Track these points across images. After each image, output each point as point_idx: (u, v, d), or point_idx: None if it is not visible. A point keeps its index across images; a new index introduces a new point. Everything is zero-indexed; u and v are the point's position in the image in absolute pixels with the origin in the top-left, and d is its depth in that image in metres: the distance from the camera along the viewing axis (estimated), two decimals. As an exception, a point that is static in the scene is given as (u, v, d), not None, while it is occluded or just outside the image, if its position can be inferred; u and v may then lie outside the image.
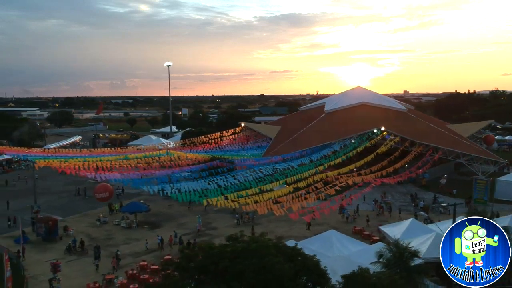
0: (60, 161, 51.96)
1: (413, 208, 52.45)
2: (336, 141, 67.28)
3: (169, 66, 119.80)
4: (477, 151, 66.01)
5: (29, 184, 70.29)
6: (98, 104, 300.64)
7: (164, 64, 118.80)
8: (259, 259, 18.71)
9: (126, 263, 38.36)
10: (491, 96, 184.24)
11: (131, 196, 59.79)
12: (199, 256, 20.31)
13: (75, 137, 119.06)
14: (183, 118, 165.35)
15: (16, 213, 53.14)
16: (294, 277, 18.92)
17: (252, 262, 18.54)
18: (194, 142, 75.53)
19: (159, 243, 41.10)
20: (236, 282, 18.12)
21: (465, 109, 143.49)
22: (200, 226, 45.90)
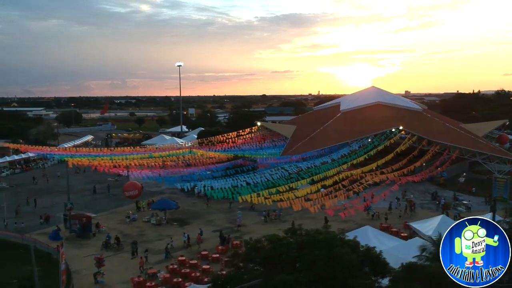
0: (88, 159, 52.71)
1: (435, 206, 53.44)
2: (354, 140, 68.24)
3: (179, 66, 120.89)
4: (493, 150, 66.97)
5: (51, 183, 71.48)
6: (101, 104, 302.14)
7: (175, 64, 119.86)
8: (328, 250, 19.66)
9: (162, 259, 39.35)
10: (496, 96, 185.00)
11: (152, 194, 60.64)
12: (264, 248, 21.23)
13: (87, 136, 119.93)
14: (191, 118, 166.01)
15: (44, 210, 54.32)
16: (360, 267, 19.87)
17: (322, 253, 19.49)
18: (211, 141, 76.37)
19: (185, 240, 41.93)
20: (307, 271, 19.04)
21: (471, 109, 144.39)
22: (241, 221, 47.01)
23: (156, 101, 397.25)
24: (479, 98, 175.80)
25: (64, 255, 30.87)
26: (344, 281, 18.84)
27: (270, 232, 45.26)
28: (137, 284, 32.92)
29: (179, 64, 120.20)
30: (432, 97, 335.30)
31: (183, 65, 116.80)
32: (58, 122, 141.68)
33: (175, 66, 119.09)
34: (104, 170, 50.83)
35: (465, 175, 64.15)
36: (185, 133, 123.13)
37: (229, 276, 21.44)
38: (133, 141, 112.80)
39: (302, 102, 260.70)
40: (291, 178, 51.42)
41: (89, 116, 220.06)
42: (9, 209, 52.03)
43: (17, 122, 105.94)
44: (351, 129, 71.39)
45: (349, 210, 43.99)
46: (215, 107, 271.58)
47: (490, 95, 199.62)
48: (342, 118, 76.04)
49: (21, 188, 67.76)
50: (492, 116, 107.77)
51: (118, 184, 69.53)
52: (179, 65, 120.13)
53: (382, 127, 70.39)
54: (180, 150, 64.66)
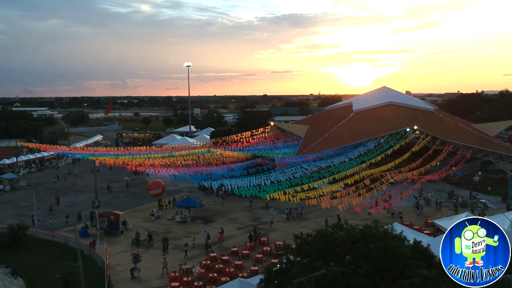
0: (112, 158, 53.58)
1: (453, 205, 54.32)
2: (369, 139, 69.14)
3: (188, 66, 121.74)
4: (507, 150, 67.88)
5: (68, 182, 72.32)
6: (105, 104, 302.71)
7: (184, 65, 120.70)
8: (382, 243, 20.54)
9: (193, 254, 40.20)
10: (499, 97, 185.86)
11: (170, 193, 61.35)
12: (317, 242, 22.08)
13: (96, 136, 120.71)
14: (197, 117, 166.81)
15: (66, 209, 55.19)
16: (412, 259, 20.75)
17: (377, 246, 20.36)
18: (226, 141, 77.21)
19: (206, 239, 42.35)
20: (364, 263, 19.91)
21: (476, 110, 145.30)
22: (273, 218, 47.98)
23: (158, 101, 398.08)
24: (483, 98, 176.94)
25: (107, 251, 31.65)
26: (400, 272, 19.69)
27: (294, 230, 46.54)
28: (174, 279, 33.73)
29: (187, 65, 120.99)
30: (433, 97, 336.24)
31: (185, 65, 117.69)
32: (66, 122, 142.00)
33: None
34: (129, 168, 51.48)
35: (480, 174, 65.10)
36: (193, 133, 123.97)
37: (281, 269, 22.29)
38: (144, 141, 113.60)
39: (306, 102, 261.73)
40: (312, 177, 52.29)
41: (93, 116, 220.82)
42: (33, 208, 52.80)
43: (29, 122, 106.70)
44: (365, 128, 72.24)
45: (377, 208, 44.87)
46: (218, 107, 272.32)
47: (493, 95, 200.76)
48: (355, 118, 76.87)
49: (41, 186, 68.47)
50: (498, 117, 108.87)
51: (135, 183, 70.54)
52: (187, 65, 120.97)
53: (396, 126, 71.32)
54: (198, 149, 65.35)
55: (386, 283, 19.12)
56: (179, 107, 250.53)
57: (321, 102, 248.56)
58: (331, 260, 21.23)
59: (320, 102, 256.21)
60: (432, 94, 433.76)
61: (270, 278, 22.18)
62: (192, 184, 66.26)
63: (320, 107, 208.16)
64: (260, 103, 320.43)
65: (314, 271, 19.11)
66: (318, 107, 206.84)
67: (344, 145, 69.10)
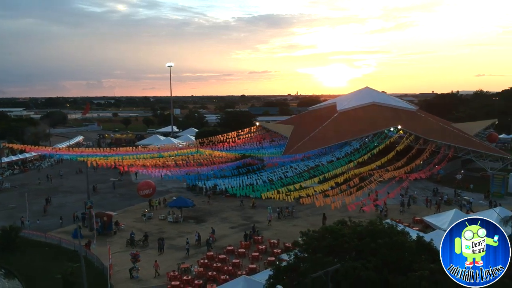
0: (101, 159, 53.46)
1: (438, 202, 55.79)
2: (354, 139, 70.41)
3: (170, 66, 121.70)
4: (488, 149, 69.99)
5: (54, 183, 71.62)
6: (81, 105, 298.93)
7: (166, 65, 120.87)
8: (389, 238, 21.37)
9: (190, 254, 40.52)
10: (474, 97, 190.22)
11: (159, 194, 61.36)
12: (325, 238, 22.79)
13: (77, 137, 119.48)
14: (178, 118, 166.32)
15: (55, 210, 54.89)
16: (417, 254, 21.62)
17: (384, 241, 21.17)
18: (212, 141, 77.56)
19: (197, 239, 42.68)
20: (372, 258, 20.68)
21: (453, 109, 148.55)
22: (271, 216, 48.58)
23: (135, 101, 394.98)
24: (459, 98, 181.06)
25: (110, 251, 31.80)
26: (407, 266, 20.53)
27: (286, 228, 47.48)
28: (173, 278, 34.05)
29: (169, 65, 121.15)
30: (409, 97, 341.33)
31: (160, 65, 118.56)
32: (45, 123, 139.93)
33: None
34: (122, 169, 51.49)
35: (463, 172, 66.98)
36: (176, 134, 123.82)
37: (291, 264, 22.93)
38: (126, 141, 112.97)
39: (286, 103, 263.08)
40: (302, 176, 53.14)
41: (71, 117, 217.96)
42: (21, 209, 52.36)
43: (10, 123, 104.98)
44: (350, 128, 73.57)
45: (370, 205, 45.96)
46: (197, 108, 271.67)
47: (467, 95, 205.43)
48: (340, 118, 78.14)
49: (25, 188, 67.55)
50: (474, 116, 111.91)
51: (121, 184, 70.30)
52: (169, 65, 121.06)
53: (380, 126, 72.85)
54: (187, 150, 65.60)
55: (394, 277, 19.90)
56: (158, 108, 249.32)
57: (300, 103, 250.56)
58: (339, 255, 21.93)
59: (299, 103, 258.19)
60: (407, 94, 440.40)
61: (279, 274, 22.77)
62: (181, 184, 66.50)
63: (300, 107, 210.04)
64: (239, 103, 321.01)
65: (325, 266, 19.78)
66: (298, 108, 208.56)
67: (330, 145, 70.28)
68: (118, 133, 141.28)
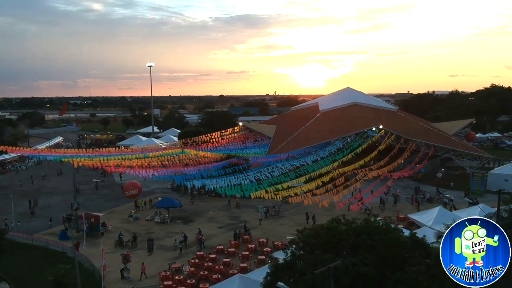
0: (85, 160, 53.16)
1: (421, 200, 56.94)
2: (337, 139, 71.36)
3: (150, 66, 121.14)
4: (466, 148, 71.79)
5: (36, 184, 70.69)
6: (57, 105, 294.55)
7: (146, 65, 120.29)
8: (385, 235, 22.03)
9: (178, 255, 40.72)
10: (449, 97, 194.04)
11: (143, 194, 61.24)
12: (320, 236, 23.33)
13: (57, 138, 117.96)
14: (158, 118, 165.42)
15: (40, 212, 54.33)
16: (412, 249, 22.33)
17: (380, 237, 21.82)
18: (196, 141, 77.59)
19: (183, 240, 42.56)
20: (369, 253, 21.31)
21: (429, 109, 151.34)
22: (262, 215, 49.15)
23: (113, 101, 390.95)
24: (434, 98, 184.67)
25: (104, 254, 31.76)
26: (403, 261, 21.22)
27: (273, 227, 48.02)
28: (165, 278, 34.19)
29: (150, 65, 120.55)
30: (385, 97, 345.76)
31: (137, 65, 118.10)
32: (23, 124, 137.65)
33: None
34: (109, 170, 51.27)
35: (443, 171, 68.55)
36: (157, 134, 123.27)
37: (288, 261, 23.41)
38: (106, 142, 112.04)
39: (265, 103, 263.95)
40: (289, 175, 53.74)
41: (48, 117, 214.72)
42: (3, 211, 51.66)
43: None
44: (332, 128, 74.45)
45: (357, 204, 46.78)
46: (175, 108, 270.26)
47: (442, 95, 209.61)
48: (322, 118, 78.95)
49: (7, 190, 66.51)
50: (450, 116, 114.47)
51: (104, 185, 69.86)
52: (150, 65, 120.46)
53: (362, 126, 73.96)
54: (173, 150, 65.55)
55: (392, 272, 20.55)
56: (137, 108, 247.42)
57: (280, 103, 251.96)
58: (337, 252, 22.47)
59: (278, 103, 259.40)
60: (383, 95, 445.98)
61: (277, 272, 23.21)
62: (165, 185, 66.47)
63: (279, 107, 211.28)
64: (218, 104, 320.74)
65: (325, 263, 20.30)
66: (278, 108, 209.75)
67: (313, 145, 71.07)
68: (97, 133, 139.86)
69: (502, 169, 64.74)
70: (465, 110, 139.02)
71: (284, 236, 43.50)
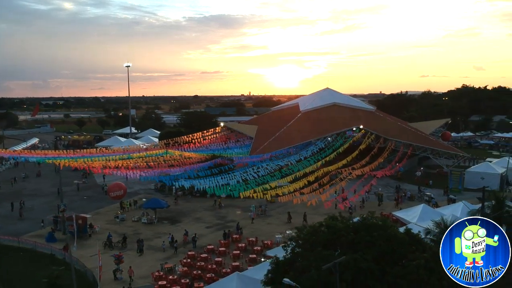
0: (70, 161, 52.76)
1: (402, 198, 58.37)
2: (318, 139, 72.44)
3: (128, 66, 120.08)
4: (444, 147, 73.80)
5: (16, 186, 69.52)
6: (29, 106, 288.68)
7: (124, 65, 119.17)
8: (384, 231, 22.84)
9: (169, 254, 40.94)
10: (422, 97, 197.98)
11: (129, 195, 60.98)
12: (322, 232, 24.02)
13: (33, 139, 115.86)
14: (134, 119, 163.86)
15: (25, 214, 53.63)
16: (409, 245, 23.21)
17: (379, 234, 22.61)
18: (177, 142, 77.57)
19: (171, 241, 42.77)
20: (369, 249, 22.09)
21: (403, 109, 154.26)
22: (255, 214, 49.81)
23: (85, 102, 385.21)
24: (408, 98, 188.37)
25: (100, 255, 31.75)
26: (401, 256, 22.07)
27: (261, 226, 48.65)
28: (158, 278, 34.39)
29: (127, 65, 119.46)
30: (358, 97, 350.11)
31: (109, 65, 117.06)
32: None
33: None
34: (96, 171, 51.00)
35: (422, 169, 70.34)
36: (135, 135, 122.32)
37: (288, 259, 24.01)
38: (84, 143, 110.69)
39: (241, 103, 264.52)
40: (274, 175, 54.42)
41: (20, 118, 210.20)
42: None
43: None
44: (313, 128, 75.56)
45: (344, 202, 47.76)
46: (150, 108, 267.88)
47: (414, 95, 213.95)
48: (303, 118, 80.00)
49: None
50: (425, 116, 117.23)
51: (86, 186, 69.18)
52: (127, 65, 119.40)
53: (342, 126, 75.25)
54: (156, 151, 65.42)
55: (391, 267, 21.37)
56: (111, 108, 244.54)
57: (256, 103, 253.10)
58: (337, 249, 23.18)
59: (254, 103, 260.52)
60: (356, 95, 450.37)
61: (278, 268, 23.77)
62: (148, 186, 66.27)
63: (256, 107, 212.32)
64: (193, 104, 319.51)
65: (328, 259, 20.96)
66: (254, 108, 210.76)
67: (295, 144, 71.97)
68: (73, 134, 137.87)
69: (478, 167, 66.82)
70: (438, 110, 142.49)
71: (273, 235, 44.30)
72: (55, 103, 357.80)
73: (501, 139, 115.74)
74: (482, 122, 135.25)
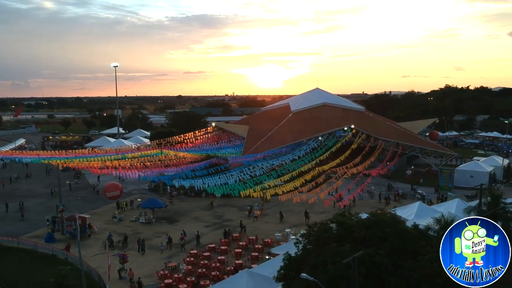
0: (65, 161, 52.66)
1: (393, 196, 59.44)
2: (310, 138, 73.25)
3: (116, 66, 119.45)
4: (433, 146, 75.29)
5: (7, 187, 68.89)
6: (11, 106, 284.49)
7: (111, 65, 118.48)
8: (394, 227, 23.59)
9: (171, 253, 41.24)
10: (406, 97, 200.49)
11: (123, 195, 60.91)
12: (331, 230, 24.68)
13: (19, 140, 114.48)
14: (121, 119, 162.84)
15: (18, 215, 53.30)
16: (419, 240, 24.01)
17: (391, 230, 23.36)
18: (170, 142, 77.66)
19: (168, 242, 42.95)
20: (382, 245, 22.81)
21: (387, 108, 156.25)
22: (257, 212, 50.36)
23: (68, 102, 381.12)
24: (391, 98, 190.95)
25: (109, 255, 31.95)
26: (413, 251, 22.84)
27: (258, 225, 49.14)
28: (163, 277, 34.69)
29: (115, 65, 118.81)
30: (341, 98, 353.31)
31: (92, 65, 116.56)
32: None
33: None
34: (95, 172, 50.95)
35: (413, 168, 71.63)
36: (123, 135, 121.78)
37: (300, 255, 24.62)
38: (72, 143, 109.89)
39: (226, 103, 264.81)
40: (271, 175, 55.03)
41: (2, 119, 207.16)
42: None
43: None
44: (305, 128, 76.35)
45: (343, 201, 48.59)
46: (134, 108, 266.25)
47: (398, 95, 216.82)
48: (294, 118, 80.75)
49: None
50: (410, 115, 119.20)
51: (78, 187, 68.88)
52: (115, 65, 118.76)
53: (333, 126, 76.21)
54: (151, 151, 65.54)
55: (404, 261, 22.12)
56: (95, 108, 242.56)
57: (241, 103, 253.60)
58: (350, 244, 23.85)
59: (240, 103, 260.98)
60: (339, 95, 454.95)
61: (290, 265, 24.35)
62: (142, 186, 66.32)
63: (241, 107, 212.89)
64: (177, 104, 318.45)
65: (343, 254, 21.63)
66: (240, 108, 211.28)
67: (287, 144, 72.67)
68: (60, 135, 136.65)
69: (467, 165, 68.40)
70: (423, 110, 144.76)
71: (272, 233, 44.92)
72: (37, 104, 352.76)
73: (485, 138, 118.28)
74: (466, 121, 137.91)
